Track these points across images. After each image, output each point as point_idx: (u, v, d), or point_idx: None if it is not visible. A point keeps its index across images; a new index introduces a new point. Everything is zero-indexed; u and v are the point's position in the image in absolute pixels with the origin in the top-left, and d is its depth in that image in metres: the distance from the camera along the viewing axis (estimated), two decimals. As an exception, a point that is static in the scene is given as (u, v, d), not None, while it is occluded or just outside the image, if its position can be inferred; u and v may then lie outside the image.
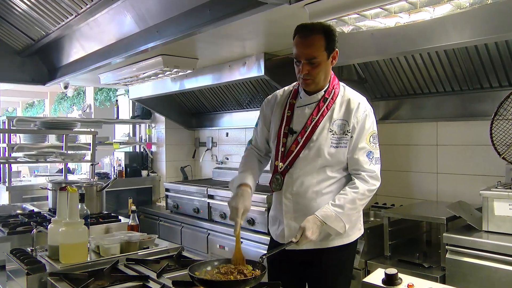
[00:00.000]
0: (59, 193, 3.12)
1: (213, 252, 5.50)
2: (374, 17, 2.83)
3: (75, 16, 4.62)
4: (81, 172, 9.23)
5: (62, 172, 6.88)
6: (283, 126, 2.91)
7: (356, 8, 2.74)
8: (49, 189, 4.76)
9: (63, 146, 6.06)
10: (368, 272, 3.88)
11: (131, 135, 8.18)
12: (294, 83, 3.02)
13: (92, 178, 6.08)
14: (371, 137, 2.81)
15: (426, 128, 4.62)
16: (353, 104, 2.82)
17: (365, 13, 2.79)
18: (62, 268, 2.77)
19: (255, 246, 4.85)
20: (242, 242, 5.01)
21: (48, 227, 3.09)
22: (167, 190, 6.63)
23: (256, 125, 3.18)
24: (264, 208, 4.84)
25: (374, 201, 5.00)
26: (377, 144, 2.84)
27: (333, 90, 2.86)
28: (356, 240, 2.99)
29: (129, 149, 8.11)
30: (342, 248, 2.89)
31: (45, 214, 4.59)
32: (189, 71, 5.33)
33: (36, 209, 4.93)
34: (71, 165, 8.83)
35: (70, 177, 7.17)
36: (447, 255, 3.39)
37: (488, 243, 3.20)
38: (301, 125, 2.84)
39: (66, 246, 2.90)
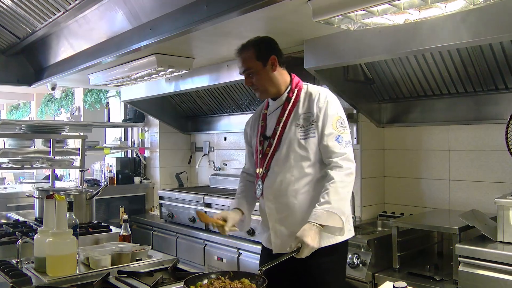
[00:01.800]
0: (46, 201, 3.12)
1: (211, 264, 5.49)
2: (382, 13, 2.83)
3: (63, 12, 4.63)
4: (70, 179, 9.22)
5: (49, 179, 6.85)
6: (258, 135, 3.24)
7: (363, 4, 2.74)
8: (36, 197, 4.76)
9: (50, 151, 6.04)
10: (375, 286, 3.88)
11: (122, 139, 8.18)
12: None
13: (81, 185, 6.06)
14: (337, 122, 3.03)
15: (437, 132, 4.62)
16: (314, 95, 3.09)
17: (373, 9, 2.79)
18: (49, 281, 2.77)
19: (255, 258, 4.84)
20: (239, 252, 5.03)
21: (34, 237, 3.09)
22: (161, 198, 6.63)
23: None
24: (265, 217, 4.83)
25: (382, 210, 5.00)
26: (345, 128, 3.06)
27: (296, 89, 3.16)
28: (346, 242, 3.16)
29: (121, 154, 8.11)
30: (332, 250, 3.00)
31: (31, 224, 4.59)
32: (184, 71, 5.33)
33: (21, 218, 4.93)
34: (58, 172, 8.82)
35: (58, 184, 7.15)
36: (460, 268, 3.38)
37: (503, 254, 3.19)
38: (272, 128, 3.16)
39: (53, 258, 2.89)
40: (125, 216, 3.97)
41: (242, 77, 5.26)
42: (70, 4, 4.40)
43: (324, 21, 3.03)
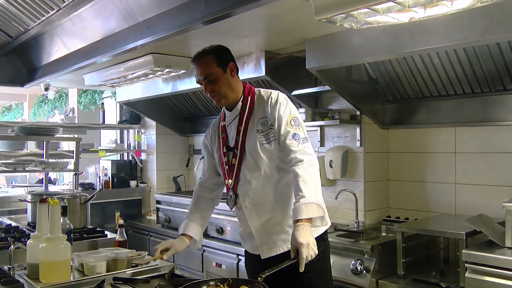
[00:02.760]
0: (39, 205, 3.12)
1: (209, 270, 5.49)
2: (386, 11, 2.83)
3: (57, 10, 4.63)
4: (64, 183, 9.23)
5: (43, 183, 6.86)
6: (221, 147, 3.33)
7: (366, 1, 2.74)
8: (28, 201, 4.76)
9: (43, 154, 6.04)
10: (379, 293, 3.89)
11: (118, 141, 8.18)
12: (223, 108, 3.44)
13: (75, 189, 6.07)
14: (291, 120, 3.13)
15: (443, 134, 4.62)
16: (265, 98, 3.21)
17: (377, 7, 2.79)
18: (42, 288, 2.77)
19: (255, 264, 4.85)
20: (238, 259, 5.03)
21: (27, 243, 3.09)
22: (158, 202, 6.63)
23: (203, 159, 3.75)
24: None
25: (386, 215, 5.00)
26: (300, 126, 3.15)
27: (249, 96, 3.26)
28: (325, 233, 3.28)
29: (116, 157, 8.10)
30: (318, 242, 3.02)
31: (24, 229, 4.59)
32: (182, 71, 5.34)
33: (13, 223, 4.93)
34: (52, 175, 8.82)
35: (51, 188, 7.15)
36: (467, 274, 3.38)
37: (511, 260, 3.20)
38: (234, 139, 3.26)
39: (46, 264, 2.89)
40: (121, 221, 3.97)
41: (241, 77, 5.24)
42: (64, 2, 4.40)
43: (326, 20, 3.02)
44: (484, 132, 4.32)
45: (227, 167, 3.27)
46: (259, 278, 2.55)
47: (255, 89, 3.32)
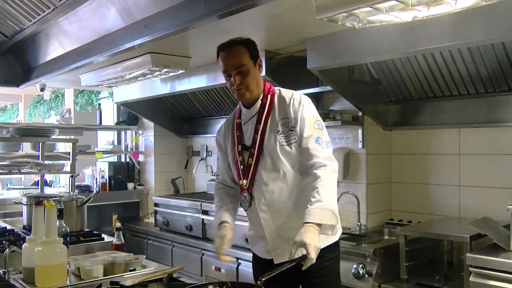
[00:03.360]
0: (35, 208, 3.12)
1: (208, 274, 5.49)
2: (389, 10, 2.83)
3: (53, 9, 4.64)
4: (60, 185, 9.23)
5: (38, 185, 6.86)
6: (236, 146, 3.27)
7: (368, 0, 2.74)
8: (24, 204, 4.76)
9: (39, 156, 6.05)
10: (382, 297, 3.89)
11: (115, 143, 8.18)
12: (237, 106, 3.39)
13: (72, 191, 6.07)
14: (315, 123, 3.10)
15: (447, 135, 4.62)
16: (287, 99, 3.16)
17: (379, 6, 2.79)
18: (38, 292, 2.77)
19: (255, 268, 4.84)
20: (238, 262, 5.03)
21: (23, 246, 3.09)
22: (156, 205, 6.63)
23: (218, 158, 3.67)
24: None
25: (389, 217, 5.00)
26: (323, 130, 3.13)
27: (269, 95, 3.21)
28: (338, 242, 3.25)
29: (114, 159, 8.11)
30: (330, 249, 3.11)
31: (19, 232, 4.59)
32: (181, 71, 5.34)
33: (9, 226, 4.93)
34: (48, 177, 8.82)
35: (47, 191, 7.16)
36: (471, 278, 3.38)
37: (517, 264, 3.20)
38: (251, 138, 3.19)
39: (42, 268, 2.89)
40: (118, 224, 3.97)
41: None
42: (60, 0, 4.41)
43: (328, 19, 3.02)
44: (489, 133, 4.32)
45: (241, 166, 3.22)
46: (258, 282, 2.55)
47: (275, 88, 3.27)
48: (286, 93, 3.22)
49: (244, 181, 3.20)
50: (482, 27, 3.21)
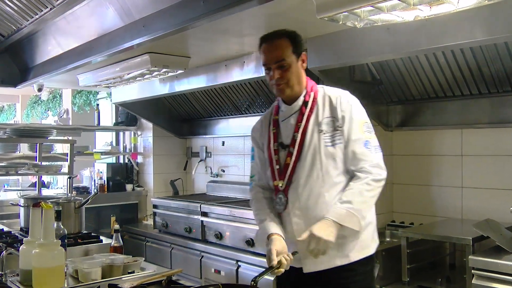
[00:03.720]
0: (32, 210, 3.12)
1: (207, 277, 5.48)
2: (390, 9, 2.83)
3: (50, 8, 4.63)
4: (57, 186, 9.22)
5: (36, 186, 6.86)
6: (271, 144, 3.14)
7: (370, -1, 2.75)
8: (21, 206, 4.76)
9: (36, 157, 6.04)
10: (384, 300, 3.89)
11: (114, 144, 8.17)
12: (275, 102, 3.29)
13: (69, 193, 6.06)
14: (364, 125, 3.00)
15: (449, 136, 4.62)
16: (335, 99, 3.04)
17: (381, 5, 2.79)
18: (35, 295, 2.77)
19: (255, 270, 4.83)
20: (238, 265, 5.02)
21: (20, 248, 3.08)
22: (155, 206, 6.62)
23: (252, 158, 3.42)
24: (265, 227, 4.82)
25: (390, 219, 5.00)
26: (372, 133, 3.04)
27: (312, 92, 3.09)
28: (373, 255, 3.14)
29: (112, 160, 8.11)
30: (363, 262, 3.02)
31: (16, 234, 4.59)
32: (180, 72, 5.33)
33: (6, 228, 4.93)
34: (45, 178, 8.82)
35: (45, 192, 7.16)
36: (474, 281, 3.38)
37: (520, 267, 3.19)
38: (290, 136, 3.07)
39: (40, 271, 2.89)
40: (117, 226, 3.97)
41: (241, 77, 5.31)
42: (58, -1, 4.41)
43: (329, 18, 3.02)
44: (492, 134, 4.32)
45: (277, 166, 3.08)
46: (252, 282, 2.56)
47: (318, 86, 3.16)
48: (333, 91, 3.11)
49: (280, 182, 3.06)
50: (485, 27, 3.21)
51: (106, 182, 7.47)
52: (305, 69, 3.13)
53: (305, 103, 3.06)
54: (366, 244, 2.98)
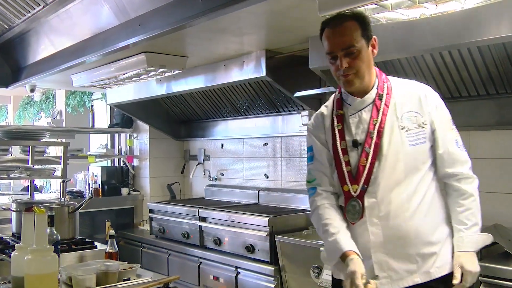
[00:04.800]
0: (25, 215, 3.11)
1: (206, 284, 5.48)
2: (395, 7, 2.83)
3: (43, 6, 4.64)
4: (50, 190, 9.22)
5: (28, 190, 6.86)
6: (338, 143, 2.80)
7: (374, -3, 2.75)
8: (13, 210, 4.75)
9: (29, 160, 6.05)
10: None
11: (109, 146, 8.17)
12: (332, 95, 3.00)
13: (63, 197, 6.07)
14: (451, 123, 2.84)
15: (456, 138, 4.61)
16: (415, 91, 2.81)
17: (385, 3, 2.80)
18: (27, 303, 2.77)
19: (255, 277, 4.84)
20: (237, 271, 5.02)
21: (12, 255, 3.08)
22: (151, 211, 6.62)
23: (310, 159, 3.01)
24: (266, 233, 4.83)
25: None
26: (456, 130, 2.87)
27: (385, 84, 2.82)
28: None
29: (107, 163, 8.11)
30: (444, 280, 2.77)
31: (8, 240, 4.59)
32: (177, 72, 5.34)
33: (-4, 234, 4.92)
34: (38, 182, 8.81)
35: (37, 196, 7.16)
36: (482, 288, 3.38)
37: (529, 273, 3.19)
38: (364, 133, 2.75)
39: (32, 278, 2.89)
40: (112, 231, 3.97)
41: (241, 78, 5.31)
42: (51, -3, 4.42)
43: (331, 16, 3.03)
44: (500, 136, 4.31)
45: (348, 168, 2.75)
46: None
47: (389, 77, 2.90)
48: (414, 84, 2.88)
49: (354, 187, 2.72)
50: (493, 25, 3.21)
51: (101, 186, 7.47)
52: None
53: (379, 95, 2.77)
54: (447, 260, 2.73)
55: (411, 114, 2.73)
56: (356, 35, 2.65)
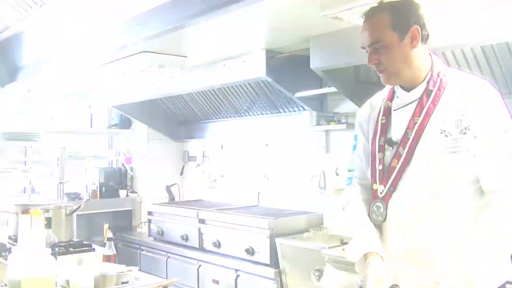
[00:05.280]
0: (21, 217, 3.11)
1: (205, 287, 5.48)
2: (397, 6, 2.83)
3: (41, 6, 4.63)
4: (48, 192, 9.21)
5: (25, 192, 6.86)
6: (377, 138, 2.62)
7: (376, -4, 2.75)
8: (9, 213, 4.75)
9: (25, 161, 6.04)
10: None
11: (107, 147, 8.16)
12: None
13: (60, 199, 6.06)
14: (508, 131, 2.39)
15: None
16: (470, 90, 2.45)
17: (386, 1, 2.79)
18: (24, 307, 2.76)
19: (255, 280, 4.83)
20: (237, 274, 5.02)
21: (8, 257, 3.08)
22: (149, 213, 6.63)
23: (354, 148, 2.85)
24: (266, 235, 4.82)
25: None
26: None
27: (439, 78, 2.51)
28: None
29: (105, 164, 8.09)
30: None
31: (5, 243, 4.58)
32: (176, 71, 5.33)
33: (-7, 237, 4.91)
34: (35, 184, 8.80)
35: (34, 198, 7.15)
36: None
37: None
38: (401, 132, 2.52)
39: (29, 281, 2.88)
40: (110, 234, 3.96)
41: (241, 78, 5.30)
42: (48, -4, 4.42)
43: (333, 16, 3.03)
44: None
45: (380, 167, 2.56)
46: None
47: (450, 70, 2.63)
48: (469, 80, 2.53)
49: (381, 187, 2.54)
50: (496, 26, 3.21)
51: (98, 188, 7.45)
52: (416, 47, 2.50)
53: (427, 92, 2.49)
54: None
55: (457, 117, 2.39)
56: (384, 30, 2.46)
